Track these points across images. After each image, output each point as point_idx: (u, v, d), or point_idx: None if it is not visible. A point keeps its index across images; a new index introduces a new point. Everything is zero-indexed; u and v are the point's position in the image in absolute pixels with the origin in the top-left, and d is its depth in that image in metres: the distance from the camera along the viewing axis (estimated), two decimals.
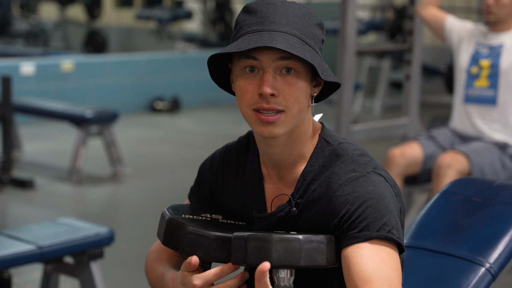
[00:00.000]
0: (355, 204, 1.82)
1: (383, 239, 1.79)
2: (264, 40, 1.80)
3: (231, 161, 2.07)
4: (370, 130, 5.46)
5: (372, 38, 13.38)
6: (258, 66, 1.84)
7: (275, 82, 1.83)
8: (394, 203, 1.85)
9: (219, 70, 1.97)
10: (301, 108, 1.86)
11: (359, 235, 1.79)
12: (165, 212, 1.98)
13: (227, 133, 8.81)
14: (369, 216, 1.80)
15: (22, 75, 9.09)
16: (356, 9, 5.06)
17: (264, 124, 1.85)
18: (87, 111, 6.75)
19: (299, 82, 1.84)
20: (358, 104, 10.40)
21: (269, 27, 1.83)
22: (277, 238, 1.78)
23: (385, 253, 1.79)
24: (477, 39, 4.66)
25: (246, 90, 1.85)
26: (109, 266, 4.53)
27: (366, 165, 1.89)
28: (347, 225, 1.82)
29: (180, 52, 11.89)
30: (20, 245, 3.43)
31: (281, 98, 1.83)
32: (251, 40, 1.82)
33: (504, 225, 2.31)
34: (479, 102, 4.58)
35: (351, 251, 1.79)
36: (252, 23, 1.86)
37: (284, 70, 1.84)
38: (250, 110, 1.86)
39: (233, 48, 1.82)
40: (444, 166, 4.31)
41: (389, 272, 1.76)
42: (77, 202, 6.34)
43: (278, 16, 1.85)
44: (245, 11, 1.90)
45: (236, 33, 1.89)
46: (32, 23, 13.58)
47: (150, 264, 2.08)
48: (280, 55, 1.82)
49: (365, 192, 1.83)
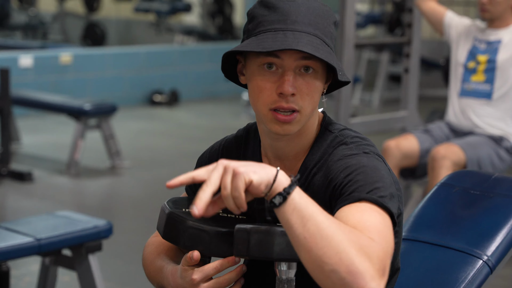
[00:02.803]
0: (347, 171, 1.79)
1: (373, 202, 1.72)
2: (289, 41, 1.78)
3: (231, 154, 2.06)
4: (368, 123, 5.46)
5: (371, 31, 13.37)
6: (278, 64, 1.83)
7: (296, 82, 1.82)
8: (390, 181, 1.80)
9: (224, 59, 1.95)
10: (314, 107, 1.87)
11: (349, 197, 1.74)
12: (165, 205, 1.98)
13: (226, 126, 8.81)
14: (361, 180, 1.76)
15: (21, 67, 9.09)
16: (355, 2, 5.06)
17: (281, 123, 1.84)
18: (86, 103, 6.74)
19: (316, 81, 1.84)
20: (356, 97, 10.40)
21: (292, 27, 1.81)
22: (279, 231, 1.78)
23: (375, 211, 1.71)
24: (475, 34, 4.67)
25: (264, 88, 1.84)
26: (107, 259, 4.53)
27: (365, 147, 1.87)
28: (339, 191, 1.79)
29: (179, 44, 11.88)
30: (18, 237, 3.43)
31: (298, 97, 1.83)
32: (275, 40, 1.80)
33: (502, 217, 2.31)
34: (475, 96, 4.60)
35: (339, 212, 1.73)
36: (274, 21, 1.83)
37: (303, 69, 1.83)
38: (267, 109, 1.84)
39: (256, 46, 1.80)
40: (439, 158, 4.32)
41: (378, 225, 1.67)
42: (76, 194, 6.34)
43: (300, 15, 1.83)
44: (263, 5, 1.87)
45: (254, 27, 1.86)
46: (30, 16, 13.56)
47: (148, 256, 2.07)
48: (303, 55, 1.81)
49: (359, 162, 1.81)
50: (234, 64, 1.96)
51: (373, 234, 1.63)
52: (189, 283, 1.85)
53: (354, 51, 5.11)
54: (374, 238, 1.62)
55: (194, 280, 1.84)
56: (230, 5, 13.04)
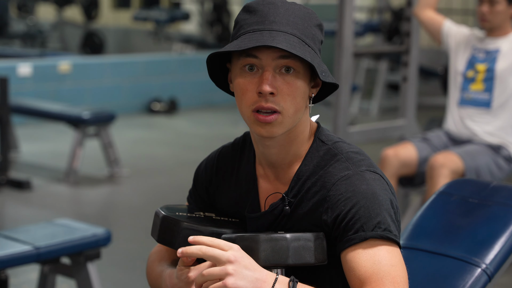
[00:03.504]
0: (348, 205, 1.82)
1: (379, 238, 1.79)
2: (265, 39, 1.81)
3: (227, 162, 2.07)
4: (367, 132, 5.47)
5: (370, 40, 13.38)
6: (258, 64, 1.84)
7: (275, 81, 1.83)
8: (388, 200, 1.84)
9: (216, 69, 1.97)
10: (298, 109, 1.86)
11: (355, 237, 1.79)
12: (159, 210, 2.00)
13: (224, 135, 8.81)
14: (363, 216, 1.80)
15: (19, 76, 9.09)
16: (353, 10, 5.07)
17: (262, 124, 1.85)
18: (84, 112, 6.75)
19: (297, 81, 1.85)
20: (355, 106, 10.41)
21: (269, 27, 1.84)
22: (264, 237, 1.80)
23: (384, 251, 1.78)
24: (473, 43, 4.67)
25: (246, 89, 1.86)
26: (106, 267, 4.53)
27: (360, 163, 1.89)
28: (342, 226, 1.82)
29: (177, 53, 11.89)
30: (17, 245, 3.43)
31: (279, 98, 1.84)
32: (251, 39, 1.82)
33: (500, 226, 2.31)
34: (474, 105, 4.60)
35: (348, 254, 1.79)
36: (253, 22, 1.86)
37: (284, 69, 1.84)
38: (250, 110, 1.86)
39: (234, 46, 1.83)
40: (437, 166, 4.32)
41: (390, 270, 1.75)
42: (74, 203, 6.34)
43: (278, 16, 1.85)
44: (245, 10, 1.90)
45: (236, 32, 1.89)
46: (29, 24, 13.57)
47: (150, 265, 2.10)
48: (280, 54, 1.83)
49: (358, 192, 1.83)
50: (226, 73, 1.97)
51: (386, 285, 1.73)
52: (184, 282, 1.88)
53: (352, 59, 5.12)
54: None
55: (190, 278, 1.87)
56: (229, 14, 13.06)
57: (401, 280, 1.75)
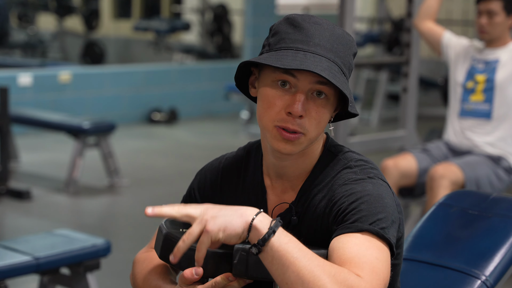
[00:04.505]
0: (352, 198, 1.80)
1: (375, 233, 1.74)
2: (309, 63, 1.78)
3: (231, 173, 2.05)
4: (367, 142, 5.47)
5: (370, 50, 13.40)
6: (292, 83, 1.82)
7: (306, 104, 1.82)
8: (393, 208, 1.82)
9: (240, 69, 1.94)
10: (320, 132, 1.87)
11: (350, 226, 1.75)
12: (163, 225, 1.97)
13: (225, 145, 8.81)
14: (364, 210, 1.77)
15: (20, 86, 9.10)
16: (353, 21, 5.08)
17: (284, 141, 1.84)
18: (85, 122, 6.75)
19: (326, 108, 1.84)
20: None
21: (313, 49, 1.81)
22: None
23: (374, 244, 1.73)
24: (472, 54, 4.68)
25: (273, 104, 1.84)
26: (106, 278, 4.53)
27: (369, 171, 1.88)
28: (341, 217, 1.79)
29: (177, 63, 11.90)
30: (16, 256, 3.43)
31: (306, 121, 1.82)
32: (295, 59, 1.79)
33: (500, 237, 2.31)
34: (474, 116, 4.60)
35: (338, 239, 1.74)
36: (297, 40, 1.83)
37: (315, 93, 1.83)
38: (273, 125, 1.84)
39: (275, 61, 1.80)
40: (437, 177, 4.32)
41: (373, 260, 1.69)
42: (74, 213, 6.34)
43: (323, 39, 1.83)
44: (289, 23, 1.86)
45: (275, 42, 1.86)
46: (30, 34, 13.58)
47: (139, 274, 2.03)
48: (319, 79, 1.81)
49: (364, 189, 1.82)
50: (248, 75, 1.96)
51: (364, 272, 1.65)
52: None
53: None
54: (365, 276, 1.64)
55: None
56: (229, 24, 13.07)
57: (381, 274, 1.68)
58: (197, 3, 13.73)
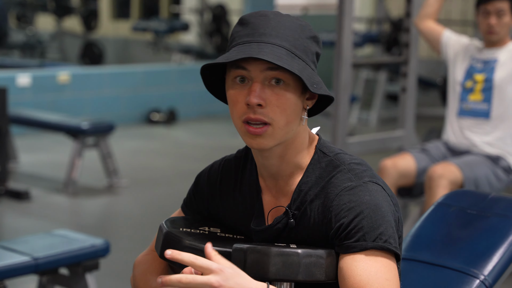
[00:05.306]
0: (351, 215, 1.82)
1: (379, 249, 1.79)
2: (252, 51, 1.82)
3: (230, 174, 2.06)
4: (366, 142, 5.47)
5: (369, 50, 13.40)
6: (247, 76, 1.85)
7: (263, 93, 1.84)
8: (391, 212, 1.85)
9: (217, 81, 1.97)
10: (289, 121, 1.86)
11: (355, 245, 1.80)
12: (163, 225, 1.98)
13: (223, 145, 8.81)
14: (365, 226, 1.80)
15: (18, 86, 9.09)
16: (352, 21, 5.08)
17: (252, 136, 1.86)
18: (83, 122, 6.75)
19: (287, 93, 1.85)
20: (354, 116, 10.42)
21: (258, 39, 1.85)
22: (276, 251, 1.79)
23: (381, 264, 1.79)
24: (472, 54, 4.68)
25: (236, 101, 1.87)
26: (105, 278, 4.52)
27: (363, 174, 1.89)
28: (344, 235, 1.82)
29: (176, 64, 11.90)
30: (15, 256, 3.43)
31: (268, 110, 1.84)
32: (240, 51, 1.83)
33: (499, 237, 2.31)
34: (473, 115, 4.60)
35: (346, 262, 1.79)
36: (244, 35, 1.88)
37: (273, 81, 1.84)
38: (240, 121, 1.87)
39: (222, 58, 1.84)
40: (436, 177, 4.32)
41: (384, 283, 1.76)
42: (73, 213, 6.34)
43: (268, 28, 1.86)
44: (239, 23, 1.92)
45: (229, 44, 1.91)
46: (28, 35, 13.59)
47: (141, 276, 2.05)
48: (268, 65, 1.83)
49: (361, 202, 1.83)
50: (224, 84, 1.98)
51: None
52: None
53: (351, 70, 5.12)
54: None
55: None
56: (228, 24, 13.07)
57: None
58: (196, 3, 13.73)
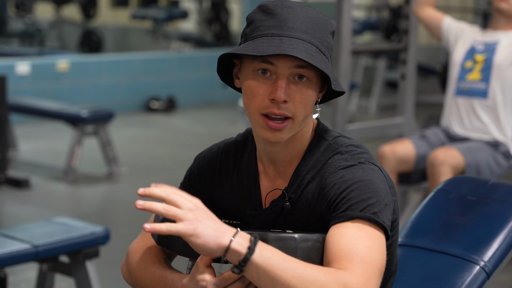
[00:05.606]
0: (342, 187, 1.80)
1: (366, 219, 1.75)
2: (284, 47, 1.78)
3: (229, 158, 2.06)
4: (365, 130, 5.47)
5: (368, 37, 13.39)
6: (272, 70, 1.83)
7: (288, 89, 1.82)
8: (385, 191, 1.82)
9: (223, 63, 1.95)
10: (307, 115, 1.86)
11: (342, 215, 1.76)
12: None
13: (223, 133, 8.81)
14: (355, 197, 1.77)
15: (18, 74, 9.09)
16: (351, 8, 5.07)
17: (272, 130, 1.84)
18: (83, 110, 6.74)
19: (310, 90, 1.84)
20: (353, 104, 10.41)
21: (288, 33, 1.81)
22: (272, 237, 1.79)
23: (365, 232, 1.73)
24: (474, 36, 4.67)
25: (256, 93, 1.84)
26: (105, 265, 4.53)
27: (360, 155, 1.88)
28: (333, 207, 1.80)
29: (175, 51, 11.89)
30: (15, 244, 3.43)
31: (291, 105, 1.82)
32: (270, 45, 1.80)
33: (498, 223, 2.31)
34: (470, 95, 4.58)
35: (331, 231, 1.76)
36: (271, 26, 1.83)
37: (297, 77, 1.82)
38: (259, 114, 1.85)
39: (251, 50, 1.80)
40: (437, 164, 4.31)
41: (363, 249, 1.70)
42: (73, 201, 6.34)
43: (297, 22, 1.83)
44: (262, 10, 1.87)
45: (251, 31, 1.86)
46: (27, 23, 13.57)
47: (137, 264, 2.02)
48: (297, 63, 1.81)
49: (354, 176, 1.82)
50: (231, 67, 1.96)
51: (354, 264, 1.67)
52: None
53: (350, 57, 5.12)
54: (354, 268, 1.66)
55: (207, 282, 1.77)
56: (227, 12, 13.05)
57: (373, 262, 1.69)
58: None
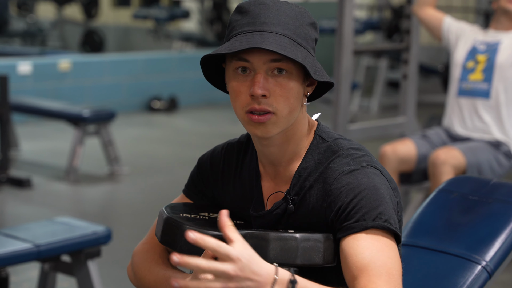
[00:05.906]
0: (350, 196, 1.82)
1: (380, 228, 1.79)
2: (255, 41, 1.80)
3: (231, 159, 2.07)
4: (367, 129, 5.47)
5: (370, 37, 13.38)
6: (249, 67, 1.84)
7: (266, 83, 1.83)
8: (389, 195, 1.85)
9: (213, 70, 1.97)
10: (292, 109, 1.86)
11: (355, 225, 1.79)
12: (163, 211, 1.99)
13: (224, 133, 8.82)
14: (365, 206, 1.80)
15: (19, 74, 9.09)
16: (353, 8, 5.07)
17: (256, 124, 1.85)
18: (84, 110, 6.75)
19: (290, 83, 1.84)
20: (355, 104, 10.41)
21: (260, 28, 1.83)
22: (273, 236, 1.79)
23: (382, 242, 1.78)
24: (475, 36, 4.67)
25: (239, 92, 1.86)
26: (106, 265, 4.54)
27: (361, 159, 1.89)
28: (343, 216, 1.82)
29: (177, 51, 11.89)
30: (17, 243, 3.43)
31: (272, 99, 1.83)
32: (242, 41, 1.82)
33: (500, 223, 2.31)
34: (472, 95, 4.58)
35: (347, 242, 1.79)
36: (244, 24, 1.86)
37: (276, 71, 1.83)
38: (243, 112, 1.86)
39: (224, 49, 1.82)
40: (439, 164, 4.31)
41: (386, 261, 1.76)
42: (75, 201, 6.34)
43: (269, 16, 1.84)
44: (237, 11, 1.89)
45: (228, 33, 1.89)
46: (29, 22, 13.57)
47: (141, 265, 2.02)
48: (271, 57, 1.82)
49: (359, 184, 1.83)
50: (222, 73, 1.97)
51: (382, 278, 1.73)
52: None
53: (352, 57, 5.12)
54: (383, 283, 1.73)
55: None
56: (228, 12, 13.05)
57: (396, 273, 1.75)
58: None
